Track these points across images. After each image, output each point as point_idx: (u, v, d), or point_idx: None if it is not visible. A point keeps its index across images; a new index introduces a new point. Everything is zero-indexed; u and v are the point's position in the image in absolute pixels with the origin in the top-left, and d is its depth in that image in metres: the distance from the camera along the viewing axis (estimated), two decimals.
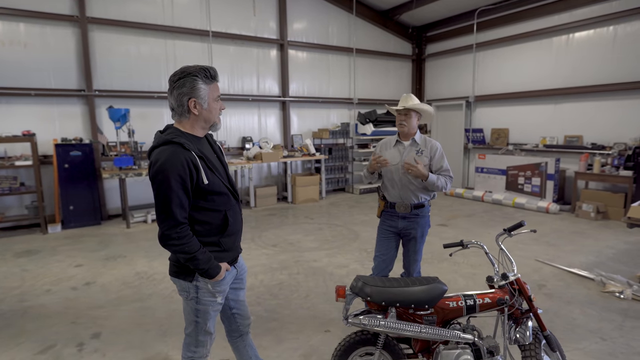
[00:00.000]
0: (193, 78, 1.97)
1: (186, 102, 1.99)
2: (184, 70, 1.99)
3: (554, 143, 8.77)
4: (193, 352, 2.27)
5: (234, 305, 2.41)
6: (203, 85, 1.99)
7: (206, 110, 2.04)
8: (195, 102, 2.00)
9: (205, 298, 2.15)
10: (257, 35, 9.38)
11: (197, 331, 2.22)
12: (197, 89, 1.98)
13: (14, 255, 5.78)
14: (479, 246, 2.68)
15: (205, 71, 2.00)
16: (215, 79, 2.07)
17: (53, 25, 7.30)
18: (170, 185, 1.90)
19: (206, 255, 2.04)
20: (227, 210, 2.15)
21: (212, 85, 2.04)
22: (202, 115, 2.04)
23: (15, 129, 6.99)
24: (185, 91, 1.97)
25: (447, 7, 10.23)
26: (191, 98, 1.99)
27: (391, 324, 2.35)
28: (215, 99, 2.07)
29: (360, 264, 5.23)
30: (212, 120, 2.11)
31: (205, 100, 2.02)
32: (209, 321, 2.22)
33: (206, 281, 2.11)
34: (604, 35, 7.88)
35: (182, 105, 2.00)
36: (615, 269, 4.93)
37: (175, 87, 1.98)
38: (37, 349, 3.34)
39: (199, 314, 2.18)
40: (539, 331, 2.58)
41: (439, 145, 3.35)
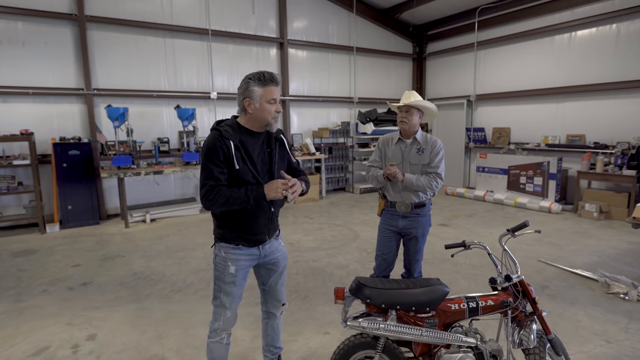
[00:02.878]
0: (247, 81, 2.26)
1: (242, 101, 2.29)
2: (245, 76, 2.30)
3: (556, 142, 8.70)
4: (211, 325, 2.49)
5: (265, 282, 2.64)
6: (256, 87, 2.24)
7: (259, 110, 2.27)
8: (249, 101, 2.26)
9: (220, 264, 2.42)
10: (257, 33, 9.32)
11: (215, 299, 2.45)
12: (249, 90, 2.25)
13: (11, 255, 5.73)
14: (482, 247, 2.61)
15: (259, 75, 2.26)
16: (272, 83, 2.27)
17: (51, 24, 7.24)
18: (204, 161, 2.26)
19: (240, 192, 2.24)
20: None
21: (266, 88, 2.26)
22: (255, 114, 2.29)
23: (13, 127, 6.93)
24: (241, 92, 2.29)
25: (448, 5, 10.16)
26: (245, 98, 2.27)
27: (391, 327, 2.29)
28: (269, 100, 2.27)
29: (361, 265, 5.17)
30: (265, 119, 2.31)
31: (257, 100, 2.25)
32: (222, 292, 2.43)
33: (220, 248, 2.42)
34: (607, 33, 7.80)
35: (240, 104, 2.31)
36: (619, 269, 4.87)
37: (238, 89, 2.32)
38: (31, 350, 3.29)
39: (216, 280, 2.46)
40: (544, 334, 2.51)
41: (440, 143, 3.29)
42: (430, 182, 3.17)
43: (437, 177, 3.18)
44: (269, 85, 2.26)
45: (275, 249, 2.59)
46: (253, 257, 2.48)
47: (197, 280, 4.71)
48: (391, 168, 3.14)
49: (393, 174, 3.12)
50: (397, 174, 3.13)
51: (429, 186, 3.17)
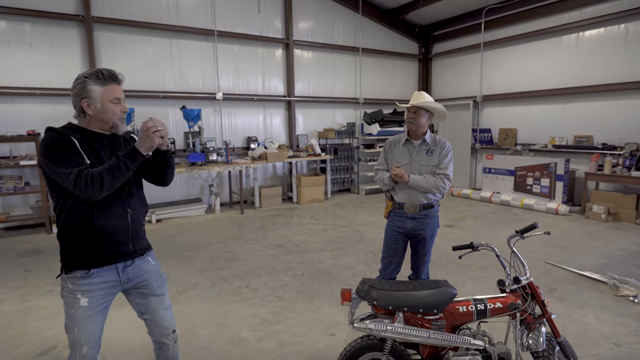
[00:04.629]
0: (84, 80, 2.01)
1: (79, 102, 2.02)
2: (79, 75, 2.04)
3: (563, 143, 8.63)
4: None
5: (144, 311, 2.29)
6: (95, 86, 2.01)
7: (101, 111, 2.04)
8: (87, 102, 2.01)
9: (68, 297, 2.07)
10: (263, 34, 9.32)
11: (68, 331, 2.07)
12: (87, 90, 2.00)
13: (17, 255, 5.75)
14: (490, 248, 2.59)
15: (97, 72, 2.02)
16: (113, 81, 2.05)
17: (58, 25, 7.28)
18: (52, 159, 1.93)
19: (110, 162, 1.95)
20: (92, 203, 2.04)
21: (106, 87, 2.03)
22: (96, 116, 2.05)
23: (20, 128, 6.97)
24: (77, 92, 2.01)
25: (454, 5, 10.11)
26: (83, 99, 2.01)
27: (398, 329, 2.27)
28: (112, 100, 2.05)
29: (366, 266, 5.15)
30: (110, 121, 2.08)
31: (97, 100, 2.02)
32: (76, 325, 2.05)
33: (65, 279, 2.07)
34: (615, 33, 7.73)
35: (77, 106, 2.04)
36: (627, 271, 4.81)
37: (72, 90, 2.03)
38: (37, 350, 3.29)
39: (65, 315, 2.08)
40: (553, 337, 2.48)
41: (448, 144, 3.26)
42: (437, 182, 3.13)
43: (444, 179, 3.15)
44: (110, 84, 2.04)
45: (141, 269, 2.23)
46: (111, 284, 2.12)
47: (203, 281, 4.70)
48: (397, 169, 3.12)
49: (399, 174, 3.10)
50: (402, 175, 3.11)
51: (435, 187, 3.14)
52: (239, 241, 6.32)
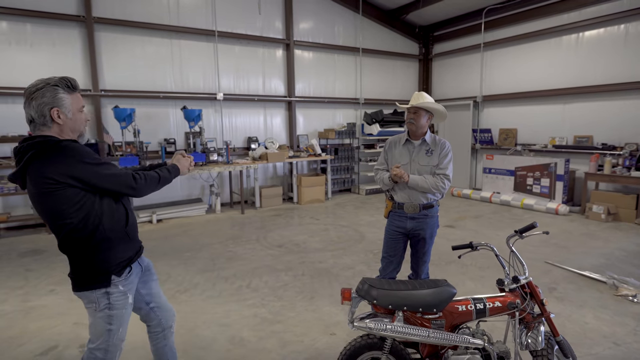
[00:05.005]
0: (54, 88, 1.95)
1: (48, 111, 1.94)
2: (43, 81, 1.96)
3: (563, 143, 8.64)
4: None
5: (150, 300, 2.38)
6: (65, 95, 1.98)
7: (71, 120, 2.01)
8: (58, 111, 1.96)
9: (119, 301, 2.10)
10: (263, 35, 9.34)
11: (109, 340, 2.11)
12: (59, 98, 1.96)
13: (18, 255, 5.77)
14: (489, 248, 2.60)
15: (65, 81, 1.99)
16: (77, 89, 2.06)
17: (59, 25, 7.30)
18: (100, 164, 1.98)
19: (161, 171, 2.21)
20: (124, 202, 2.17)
21: (74, 95, 2.03)
22: (66, 125, 2.00)
23: (21, 129, 6.99)
24: (47, 101, 1.93)
25: (455, 6, 10.12)
26: (53, 107, 1.94)
27: (398, 328, 2.28)
28: (80, 109, 2.06)
29: (367, 266, 5.16)
30: (79, 130, 2.08)
31: (69, 109, 1.99)
32: (123, 326, 2.16)
33: (116, 284, 2.07)
34: (615, 33, 7.74)
35: (44, 116, 1.94)
36: (627, 271, 4.82)
37: (35, 98, 1.93)
38: (38, 350, 3.31)
39: (114, 320, 2.10)
40: (552, 336, 2.50)
41: (448, 145, 3.27)
42: (437, 183, 3.14)
43: (444, 179, 3.16)
44: (76, 92, 2.04)
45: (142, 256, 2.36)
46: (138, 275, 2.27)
47: (204, 281, 4.72)
48: (396, 169, 3.13)
49: (399, 174, 3.11)
50: (402, 175, 3.12)
51: (435, 187, 3.14)
52: (239, 241, 6.34)
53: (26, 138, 1.96)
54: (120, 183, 2.01)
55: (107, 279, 2.04)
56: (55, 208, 1.92)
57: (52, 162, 1.88)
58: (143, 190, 2.09)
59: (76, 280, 2.06)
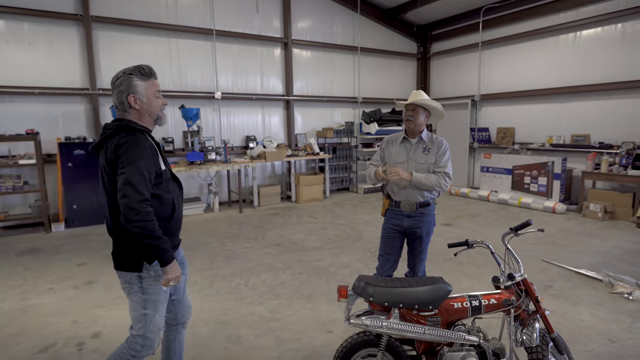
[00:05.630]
0: (129, 76, 2.11)
1: (125, 98, 2.12)
2: (121, 71, 2.14)
3: (560, 142, 8.66)
4: (137, 351, 2.21)
5: (173, 291, 2.45)
6: (139, 81, 2.13)
7: (147, 105, 2.17)
8: (134, 97, 2.13)
9: (151, 286, 2.19)
10: (261, 33, 9.34)
11: (146, 326, 2.20)
12: (133, 85, 2.12)
13: (17, 254, 5.77)
14: (485, 246, 2.62)
15: (140, 69, 2.14)
16: (152, 76, 2.19)
17: (57, 24, 7.30)
18: (139, 165, 2.01)
19: (164, 238, 2.07)
20: (174, 197, 2.27)
21: (149, 82, 2.17)
22: (143, 110, 2.17)
23: (19, 127, 6.99)
24: (124, 89, 2.11)
25: (453, 5, 10.14)
26: (130, 94, 2.11)
27: (394, 325, 2.30)
28: (155, 94, 2.20)
29: (364, 264, 5.18)
30: (156, 114, 2.24)
31: (143, 95, 2.15)
32: (159, 313, 2.24)
33: (148, 269, 2.16)
34: (612, 33, 7.77)
35: (123, 102, 2.13)
36: (623, 269, 4.85)
37: (115, 87, 2.13)
38: (36, 348, 3.32)
39: (148, 305, 2.19)
40: (546, 333, 2.52)
41: (445, 143, 3.29)
42: (439, 180, 3.15)
43: (445, 177, 3.17)
44: (151, 79, 2.18)
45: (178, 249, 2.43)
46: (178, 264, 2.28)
47: (202, 280, 4.73)
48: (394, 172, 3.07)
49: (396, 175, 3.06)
50: (401, 174, 3.08)
51: (437, 185, 3.15)
52: (237, 240, 6.35)
53: (114, 119, 2.18)
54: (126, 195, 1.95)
55: (139, 266, 2.15)
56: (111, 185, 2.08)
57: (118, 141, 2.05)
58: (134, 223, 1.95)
59: (115, 259, 2.20)
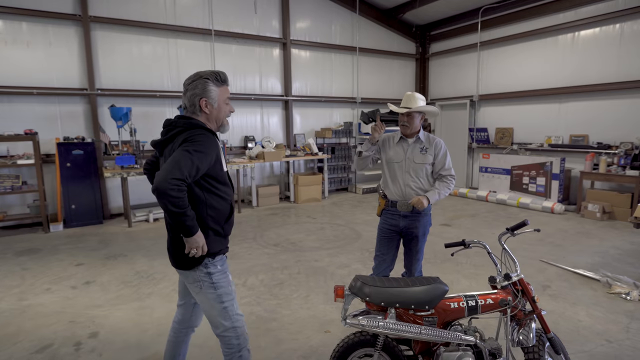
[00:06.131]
0: (205, 80, 2.15)
1: (198, 101, 2.16)
2: (198, 74, 2.17)
3: (559, 142, 8.67)
4: (237, 345, 2.27)
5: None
6: (214, 87, 2.17)
7: (216, 110, 2.21)
8: (206, 101, 2.17)
9: (222, 280, 2.24)
10: (260, 34, 9.34)
11: (231, 318, 2.25)
12: (208, 90, 2.16)
13: (15, 254, 5.77)
14: (482, 246, 2.62)
15: (216, 74, 2.18)
16: (226, 83, 2.24)
17: (56, 24, 7.29)
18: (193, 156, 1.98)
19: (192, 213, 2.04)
20: (231, 200, 2.33)
21: (222, 88, 2.22)
22: (212, 114, 2.21)
23: (18, 127, 6.98)
24: (198, 92, 2.15)
25: (451, 5, 10.15)
26: (202, 98, 2.16)
27: (390, 325, 2.30)
28: (225, 101, 2.24)
29: (362, 264, 5.18)
30: (222, 120, 2.27)
31: (215, 100, 2.19)
32: (234, 302, 2.29)
33: (215, 263, 2.21)
34: (610, 33, 7.78)
35: (194, 105, 2.17)
36: (621, 269, 4.85)
37: (189, 89, 2.17)
38: (33, 348, 3.31)
39: (224, 298, 2.24)
40: (543, 333, 2.52)
41: (443, 143, 3.30)
42: (449, 186, 3.24)
43: (451, 179, 3.26)
44: (225, 85, 2.23)
45: None
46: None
47: None
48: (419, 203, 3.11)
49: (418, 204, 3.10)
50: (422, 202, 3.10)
51: (448, 189, 3.25)
52: (236, 240, 6.35)
53: (180, 116, 2.20)
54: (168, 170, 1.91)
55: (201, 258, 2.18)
56: None
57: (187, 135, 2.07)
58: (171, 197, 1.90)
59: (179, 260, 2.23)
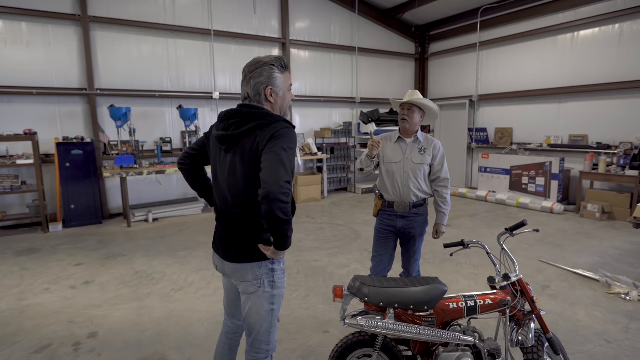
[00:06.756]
0: (270, 67, 1.99)
1: (263, 90, 2.00)
2: (260, 60, 2.00)
3: (558, 142, 8.67)
4: (266, 352, 2.11)
5: None
6: (279, 74, 2.02)
7: (281, 99, 2.06)
8: (272, 90, 2.01)
9: (281, 279, 2.09)
10: (259, 34, 9.34)
11: (272, 323, 2.08)
12: (273, 77, 2.00)
13: (14, 254, 5.76)
14: (480, 246, 2.61)
15: (280, 60, 2.03)
16: (288, 69, 2.10)
17: (55, 24, 7.29)
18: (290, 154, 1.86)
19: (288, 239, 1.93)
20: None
21: (285, 75, 2.06)
22: (277, 104, 2.06)
23: (17, 127, 6.98)
24: (263, 80, 1.99)
25: (451, 5, 10.15)
26: (268, 86, 2.00)
27: (389, 326, 2.29)
28: (289, 88, 2.10)
29: (361, 264, 5.18)
30: (285, 109, 2.12)
31: (280, 89, 2.04)
32: (280, 306, 2.15)
33: (279, 261, 2.08)
34: (610, 33, 7.78)
35: (260, 94, 2.00)
36: (620, 270, 4.85)
37: (253, 77, 1.99)
38: (33, 348, 3.31)
39: (276, 300, 2.07)
40: (542, 333, 2.52)
41: (440, 145, 3.31)
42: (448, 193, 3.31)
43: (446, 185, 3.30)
44: (287, 72, 2.09)
45: None
46: None
47: (199, 280, 4.72)
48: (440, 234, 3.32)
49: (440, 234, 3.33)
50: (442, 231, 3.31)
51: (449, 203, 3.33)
52: None
53: (250, 106, 1.99)
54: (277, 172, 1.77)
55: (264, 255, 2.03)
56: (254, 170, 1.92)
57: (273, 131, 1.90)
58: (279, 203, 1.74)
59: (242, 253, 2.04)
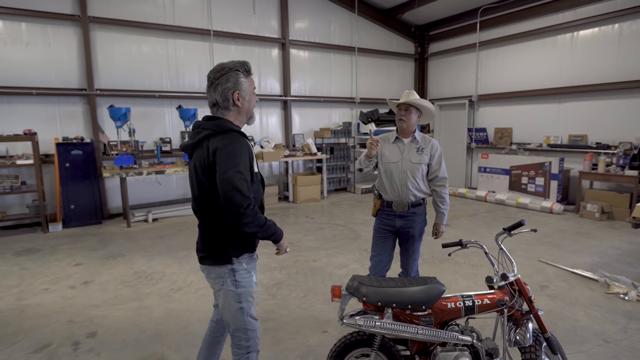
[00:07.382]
0: (236, 73, 2.10)
1: (231, 95, 2.10)
2: (225, 67, 2.10)
3: (558, 142, 8.68)
4: (247, 348, 2.23)
5: None
6: (244, 79, 2.13)
7: (247, 102, 2.17)
8: (239, 94, 2.11)
9: (244, 279, 2.19)
10: (259, 34, 9.34)
11: (244, 320, 2.21)
12: (239, 82, 2.11)
13: (14, 254, 5.77)
14: (479, 246, 2.62)
15: (244, 65, 2.14)
16: (251, 73, 2.20)
17: (55, 25, 7.29)
18: (241, 170, 1.97)
19: (270, 221, 2.14)
20: (262, 198, 2.28)
21: (249, 79, 2.17)
22: (244, 107, 2.17)
23: (17, 127, 6.99)
24: (230, 86, 2.09)
25: (450, 5, 10.15)
26: (235, 91, 2.10)
27: (387, 325, 2.29)
28: (253, 91, 2.21)
29: (360, 264, 5.18)
30: (251, 112, 2.24)
31: (246, 92, 2.15)
32: (252, 305, 2.25)
33: (240, 261, 2.18)
34: (609, 33, 7.78)
35: (228, 100, 2.10)
36: (619, 269, 4.85)
37: (220, 83, 2.09)
38: (32, 347, 3.32)
39: (242, 298, 2.20)
40: (540, 333, 2.52)
41: (438, 145, 3.31)
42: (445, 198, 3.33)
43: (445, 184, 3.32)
44: (251, 75, 2.19)
45: None
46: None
47: (197, 279, 4.73)
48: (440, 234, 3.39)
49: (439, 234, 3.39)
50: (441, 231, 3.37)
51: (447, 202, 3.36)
52: None
53: (207, 117, 2.15)
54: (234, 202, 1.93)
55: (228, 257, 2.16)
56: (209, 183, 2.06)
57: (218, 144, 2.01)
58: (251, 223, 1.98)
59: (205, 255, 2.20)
